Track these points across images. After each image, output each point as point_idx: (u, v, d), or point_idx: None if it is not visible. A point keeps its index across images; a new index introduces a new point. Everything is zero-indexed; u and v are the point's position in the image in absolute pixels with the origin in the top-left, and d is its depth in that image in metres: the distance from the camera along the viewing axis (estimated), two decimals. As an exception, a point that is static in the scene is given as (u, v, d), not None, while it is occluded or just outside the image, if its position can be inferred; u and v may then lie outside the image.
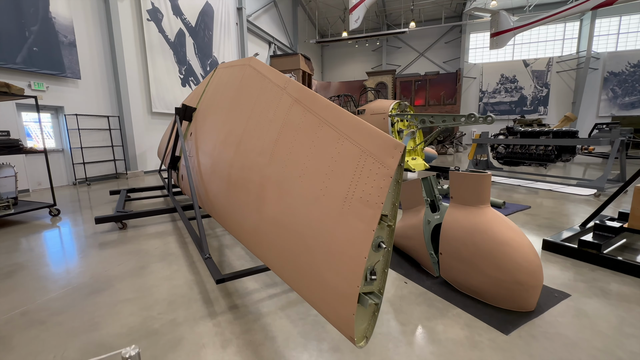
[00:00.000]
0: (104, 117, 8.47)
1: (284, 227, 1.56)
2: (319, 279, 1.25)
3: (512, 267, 2.06)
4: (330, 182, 1.30)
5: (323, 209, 1.28)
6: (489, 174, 2.29)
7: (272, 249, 1.70)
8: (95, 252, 3.31)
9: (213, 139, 3.45)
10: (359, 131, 1.26)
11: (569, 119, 10.15)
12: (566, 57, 19.74)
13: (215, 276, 2.14)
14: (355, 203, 1.13)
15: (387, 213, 1.08)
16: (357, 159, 1.21)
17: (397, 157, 1.05)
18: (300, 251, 1.39)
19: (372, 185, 1.10)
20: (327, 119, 1.49)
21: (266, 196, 1.82)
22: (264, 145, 2.05)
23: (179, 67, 10.88)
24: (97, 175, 8.45)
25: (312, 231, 1.31)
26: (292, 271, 1.48)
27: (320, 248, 1.25)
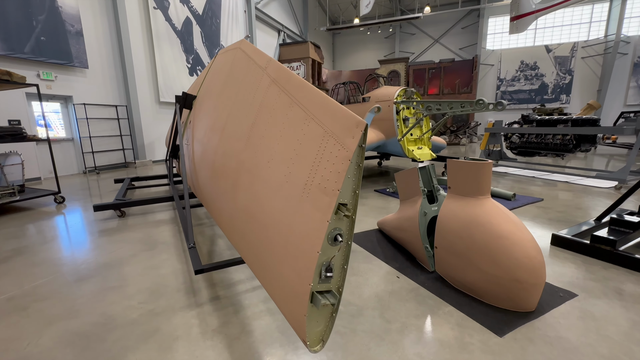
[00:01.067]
0: (112, 106, 8.55)
1: (252, 217, 1.45)
2: (278, 274, 1.14)
3: (510, 264, 1.88)
4: (294, 167, 1.17)
5: (285, 197, 1.16)
6: (490, 162, 2.10)
7: (244, 239, 1.60)
8: (91, 240, 3.33)
9: (204, 126, 3.37)
10: (325, 110, 1.12)
11: (592, 107, 9.53)
12: (592, 41, 18.52)
13: (195, 266, 2.07)
14: (314, 190, 1.00)
15: (347, 202, 0.95)
16: (319, 141, 1.07)
17: (358, 136, 0.91)
18: (264, 243, 1.28)
19: (330, 169, 0.97)
20: (297, 99, 1.35)
21: (240, 183, 1.71)
22: (242, 129, 1.93)
23: (187, 56, 10.84)
24: (107, 164, 8.60)
25: (274, 221, 1.19)
26: (258, 264, 1.38)
27: (280, 240, 1.13)
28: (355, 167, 0.93)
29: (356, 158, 0.92)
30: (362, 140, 0.90)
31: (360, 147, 0.91)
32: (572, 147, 5.69)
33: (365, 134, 0.90)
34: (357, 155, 0.92)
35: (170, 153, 6.03)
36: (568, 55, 19.04)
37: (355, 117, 0.94)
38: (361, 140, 0.90)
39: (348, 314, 1.92)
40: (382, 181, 6.30)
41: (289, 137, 1.30)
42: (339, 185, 0.91)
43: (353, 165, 0.92)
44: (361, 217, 3.89)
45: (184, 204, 4.47)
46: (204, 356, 1.60)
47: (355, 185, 0.94)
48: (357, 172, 0.93)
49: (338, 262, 0.99)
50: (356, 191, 0.94)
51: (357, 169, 0.93)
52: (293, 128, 1.29)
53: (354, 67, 24.10)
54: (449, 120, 17.63)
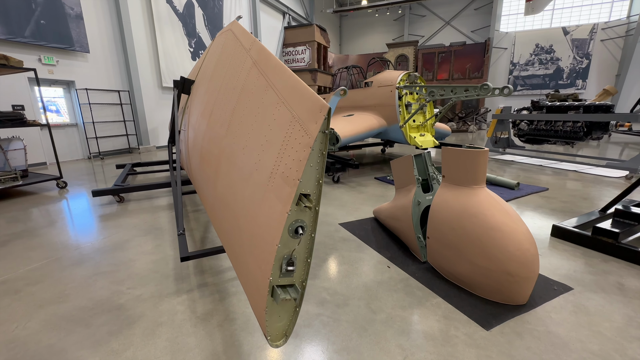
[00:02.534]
0: (114, 91, 8.53)
1: (227, 205, 1.41)
2: (245, 266, 1.10)
3: (501, 256, 1.82)
4: (264, 155, 1.11)
5: (253, 186, 1.11)
6: (486, 150, 2.00)
7: (222, 228, 1.57)
8: (88, 225, 3.36)
9: (197, 112, 3.31)
10: (294, 93, 1.04)
11: (609, 92, 9.10)
12: (614, 22, 17.54)
13: (182, 253, 2.06)
14: (278, 179, 0.95)
15: (310, 192, 0.89)
16: (287, 127, 1.00)
17: (320, 121, 0.84)
18: (236, 233, 1.24)
19: (293, 157, 0.90)
20: (272, 82, 1.28)
21: (220, 171, 1.66)
22: (225, 115, 1.87)
23: (189, 39, 10.66)
24: (111, 150, 8.66)
25: (243, 211, 1.14)
26: (232, 254, 1.34)
27: (247, 231, 1.09)
28: (319, 155, 0.86)
29: (319, 145, 0.85)
30: (325, 125, 0.83)
31: (323, 134, 0.84)
32: (583, 135, 5.46)
33: (328, 119, 0.83)
34: (319, 142, 0.85)
35: (170, 139, 6.01)
36: (586, 38, 18.13)
37: (319, 101, 0.87)
38: (324, 125, 0.83)
39: (333, 304, 1.90)
40: (386, 168, 6.19)
41: (262, 122, 1.23)
42: (300, 174, 0.85)
43: (315, 153, 0.85)
44: (358, 205, 3.84)
45: (185, 190, 4.50)
46: (185, 342, 1.61)
47: (319, 175, 0.87)
48: (320, 160, 0.87)
49: (301, 255, 0.94)
50: (319, 181, 0.88)
51: (320, 156, 0.86)
52: (266, 113, 1.22)
53: (361, 51, 23.46)
54: (457, 106, 17.16)
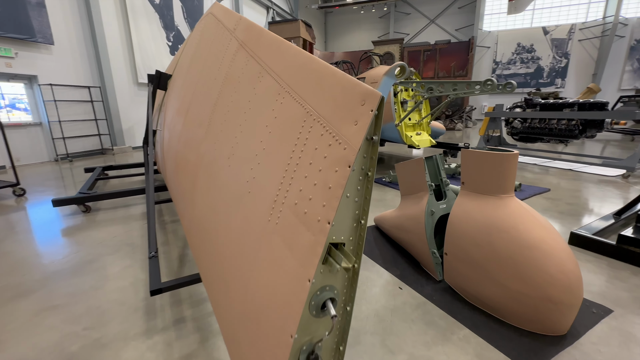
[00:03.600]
0: (84, 87, 7.84)
1: (207, 233, 1.04)
2: (236, 345, 0.74)
3: (540, 279, 1.53)
4: (260, 170, 0.75)
5: (245, 216, 0.75)
6: (516, 153, 1.71)
7: (200, 257, 1.19)
8: (44, 241, 2.87)
9: (173, 109, 2.88)
10: (311, 76, 0.69)
11: (592, 90, 9.21)
12: (590, 23, 18.08)
13: (152, 284, 1.66)
14: (287, 214, 0.60)
15: (345, 239, 0.55)
16: (298, 128, 0.65)
17: (365, 121, 0.50)
18: (219, 283, 0.87)
19: (316, 180, 0.56)
20: (269, 65, 0.92)
21: (198, 184, 1.28)
22: (204, 112, 1.49)
23: (167, 32, 10.01)
24: (82, 151, 7.97)
25: (231, 253, 0.78)
26: (214, 297, 0.97)
27: (238, 293, 0.73)
28: (360, 178, 0.53)
29: (362, 161, 0.51)
30: (373, 127, 0.49)
31: (369, 141, 0.51)
32: (578, 133, 5.37)
33: (379, 114, 0.49)
34: (362, 156, 0.51)
35: (145, 139, 5.50)
36: (565, 38, 18.62)
37: (359, 86, 0.53)
38: (371, 127, 0.49)
39: (342, 342, 1.56)
40: (380, 169, 5.91)
41: (255, 120, 0.87)
42: (331, 212, 0.51)
43: (356, 175, 0.52)
44: (356, 212, 3.52)
45: (162, 198, 4.04)
46: (155, 411, 1.23)
47: (361, 211, 0.54)
48: (363, 186, 0.53)
49: (328, 343, 0.60)
50: (361, 220, 0.54)
51: (363, 180, 0.53)
52: (262, 107, 0.86)
53: (347, 48, 23.21)
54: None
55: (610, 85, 18.19)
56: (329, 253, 0.54)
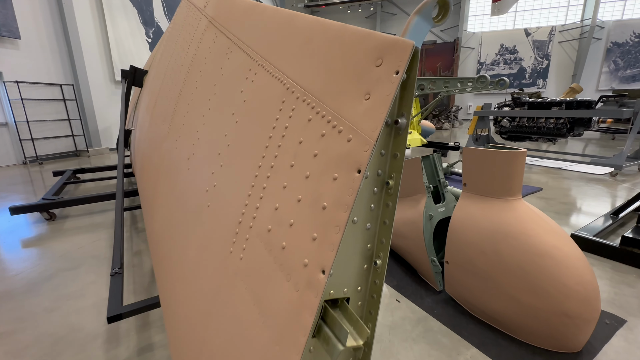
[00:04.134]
0: (55, 85, 7.35)
1: (164, 251, 0.82)
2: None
3: (555, 291, 1.38)
4: (222, 175, 0.54)
5: (203, 239, 0.54)
6: (524, 151, 1.56)
7: (160, 278, 0.97)
8: (1, 254, 2.55)
9: (144, 106, 2.62)
10: (289, 41, 0.48)
11: (575, 90, 9.37)
12: (569, 25, 18.62)
13: (111, 308, 1.41)
14: (256, 246, 0.40)
15: (350, 291, 0.34)
16: (274, 112, 0.44)
17: (385, 93, 0.29)
18: (174, 306, 0.65)
19: (301, 192, 0.35)
20: (240, 36, 0.70)
21: (158, 190, 1.05)
22: (168, 104, 1.25)
23: (146, 29, 9.58)
24: (53, 153, 7.47)
25: (185, 281, 0.57)
26: (168, 331, 0.75)
27: (189, 328, 0.51)
28: (376, 189, 0.33)
29: (378, 161, 0.31)
30: (398, 103, 0.29)
31: (393, 127, 0.31)
32: (566, 131, 5.37)
33: (410, 79, 0.29)
34: (380, 153, 0.31)
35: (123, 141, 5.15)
36: (546, 40, 19.11)
37: (373, 36, 0.33)
38: (395, 102, 0.29)
39: (336, 370, 1.35)
40: (367, 170, 5.75)
41: (220, 108, 0.66)
42: (329, 251, 0.30)
43: (369, 185, 0.32)
44: (346, 215, 3.33)
45: (132, 204, 3.72)
46: None
47: (376, 245, 0.34)
48: (379, 204, 0.33)
49: None
50: (376, 260, 0.34)
51: (380, 193, 0.33)
52: (228, 90, 0.64)
53: (333, 48, 23.07)
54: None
55: (588, 86, 18.78)
56: (324, 318, 0.35)
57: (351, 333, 0.33)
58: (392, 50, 0.33)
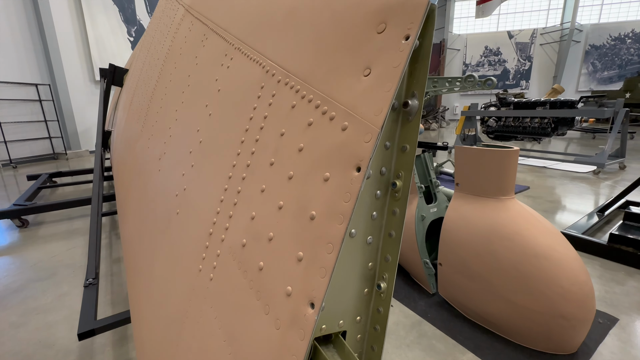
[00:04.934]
0: (30, 85, 7.02)
1: (134, 261, 0.73)
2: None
3: (551, 293, 1.34)
4: (193, 176, 0.45)
5: (171, 252, 0.45)
6: (517, 149, 1.52)
7: (130, 290, 0.87)
8: (-40, 266, 2.36)
9: (122, 105, 2.49)
10: (270, 18, 0.40)
11: (557, 91, 9.65)
12: (550, 28, 19.21)
13: (83, 324, 1.29)
14: (228, 264, 0.31)
15: (347, 324, 0.27)
16: (252, 99, 0.36)
17: (393, 66, 0.22)
18: (142, 324, 0.56)
19: (282, 198, 0.28)
20: (217, 20, 0.62)
21: (130, 194, 0.96)
22: (143, 102, 1.16)
23: (128, 27, 9.28)
24: (29, 157, 7.13)
25: (153, 299, 0.48)
26: (136, 344, 0.66)
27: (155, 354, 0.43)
28: (379, 192, 0.26)
29: (383, 156, 0.24)
30: (406, 80, 0.23)
31: (401, 112, 0.24)
32: (551, 131, 5.48)
33: (425, 47, 0.23)
34: (384, 145, 0.24)
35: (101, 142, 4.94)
36: (528, 42, 19.64)
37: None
38: (404, 78, 0.22)
39: (327, 382, 1.28)
40: (356, 170, 5.71)
41: (194, 101, 0.57)
42: (320, 277, 0.23)
43: (371, 187, 0.25)
44: (336, 216, 3.26)
45: (111, 209, 3.55)
46: None
47: (378, 263, 0.27)
48: (384, 211, 0.26)
49: None
50: (380, 283, 0.28)
51: (384, 196, 0.26)
52: (203, 80, 0.56)
53: (321, 49, 23.08)
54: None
55: (569, 87, 19.40)
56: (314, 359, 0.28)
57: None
58: (399, 10, 0.25)
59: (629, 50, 18.07)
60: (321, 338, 0.29)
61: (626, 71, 18.27)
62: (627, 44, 18.17)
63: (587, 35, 18.56)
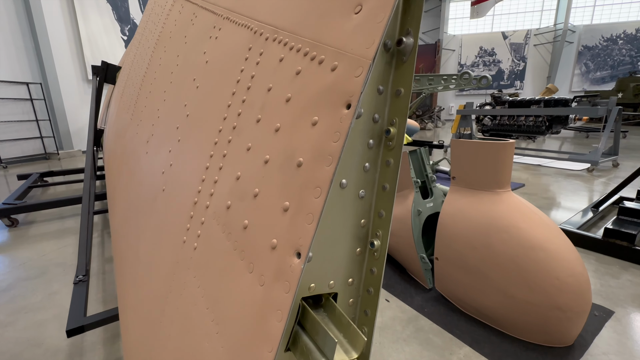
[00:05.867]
0: (21, 83, 6.91)
1: (120, 250, 0.70)
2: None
3: (548, 285, 1.34)
4: (179, 151, 0.43)
5: (156, 230, 0.43)
6: (512, 142, 1.52)
7: (117, 281, 0.85)
8: (-53, 265, 2.30)
9: (114, 100, 2.45)
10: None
11: (551, 90, 9.75)
12: (544, 29, 19.42)
13: (71, 320, 1.26)
14: (212, 229, 0.30)
15: (338, 284, 0.25)
16: (240, 62, 0.34)
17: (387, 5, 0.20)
18: (129, 313, 0.54)
19: (268, 151, 0.26)
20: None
21: (119, 183, 0.93)
22: (133, 91, 1.13)
23: (121, 25, 9.19)
24: (20, 156, 7.01)
25: (137, 283, 0.46)
26: (122, 336, 0.63)
27: (138, 339, 0.41)
28: (372, 140, 0.24)
29: (375, 98, 0.22)
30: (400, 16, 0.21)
31: (394, 52, 0.22)
32: (545, 129, 5.53)
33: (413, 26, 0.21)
34: (377, 88, 0.22)
35: (90, 140, 4.87)
36: (522, 43, 19.83)
37: None
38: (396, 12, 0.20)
39: (323, 378, 1.26)
40: (353, 169, 5.70)
41: (182, 79, 0.55)
42: (307, 224, 0.22)
43: (363, 129, 0.22)
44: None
45: (103, 207, 3.48)
46: None
47: (372, 219, 0.25)
48: (378, 159, 0.24)
49: None
50: (373, 241, 0.26)
51: (378, 143, 0.24)
52: (191, 56, 0.54)
53: (317, 49, 23.08)
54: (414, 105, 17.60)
55: (562, 87, 19.61)
56: (302, 322, 0.25)
57: (340, 343, 0.24)
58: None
59: (621, 51, 18.33)
60: (311, 301, 0.27)
61: (618, 72, 18.51)
62: (618, 44, 18.43)
63: (580, 36, 18.79)
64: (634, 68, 18.02)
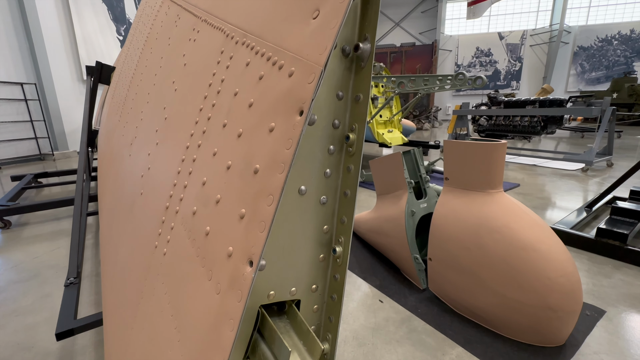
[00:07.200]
0: (15, 84, 6.86)
1: (104, 253, 0.69)
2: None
3: (539, 285, 1.34)
4: (157, 154, 0.43)
5: (132, 235, 0.43)
6: (504, 143, 1.53)
7: (103, 285, 0.84)
8: (-63, 268, 2.27)
9: (108, 102, 2.44)
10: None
11: (546, 91, 9.81)
12: (539, 30, 19.54)
13: (61, 323, 1.25)
14: (180, 235, 0.29)
15: (301, 290, 0.25)
16: (213, 66, 0.34)
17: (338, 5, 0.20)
18: (109, 317, 0.54)
19: (230, 156, 0.25)
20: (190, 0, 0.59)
21: (106, 185, 0.92)
22: (122, 92, 1.13)
23: (117, 26, 9.15)
24: (14, 157, 6.96)
25: (115, 287, 0.46)
26: (105, 342, 0.63)
27: (113, 341, 0.40)
28: (332, 147, 0.24)
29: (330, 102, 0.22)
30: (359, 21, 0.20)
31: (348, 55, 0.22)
32: (540, 129, 5.56)
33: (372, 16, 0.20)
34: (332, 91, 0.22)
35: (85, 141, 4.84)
36: (518, 43, 19.94)
37: None
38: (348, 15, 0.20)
39: (315, 379, 1.26)
40: (349, 169, 5.70)
41: (164, 82, 0.54)
42: (259, 231, 0.21)
43: (317, 136, 0.22)
44: (328, 214, 3.24)
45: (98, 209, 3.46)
46: None
47: (334, 224, 0.25)
48: (337, 164, 0.24)
49: None
50: (335, 247, 0.26)
51: (336, 148, 0.24)
52: (173, 59, 0.53)
53: (314, 49, 23.08)
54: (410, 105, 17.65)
55: (558, 88, 19.73)
56: (261, 331, 0.25)
57: (299, 351, 0.24)
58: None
59: (616, 52, 18.46)
60: (275, 308, 0.26)
61: (613, 72, 18.65)
62: (613, 45, 18.57)
63: (575, 37, 18.92)
64: (629, 69, 18.15)
